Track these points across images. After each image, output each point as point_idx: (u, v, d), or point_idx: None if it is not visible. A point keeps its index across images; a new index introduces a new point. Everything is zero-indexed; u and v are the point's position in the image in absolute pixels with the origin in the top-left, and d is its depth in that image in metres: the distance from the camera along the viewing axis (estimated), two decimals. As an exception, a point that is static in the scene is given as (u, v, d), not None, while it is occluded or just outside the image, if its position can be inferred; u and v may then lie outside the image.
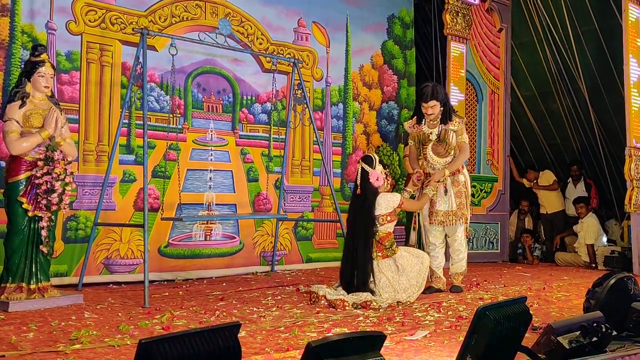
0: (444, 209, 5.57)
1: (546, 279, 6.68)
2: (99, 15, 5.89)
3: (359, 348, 2.18)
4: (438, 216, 5.57)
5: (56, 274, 5.36)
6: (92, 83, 5.83)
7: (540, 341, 3.03)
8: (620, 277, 3.64)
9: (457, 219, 5.55)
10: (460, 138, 5.57)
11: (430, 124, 5.61)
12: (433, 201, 5.57)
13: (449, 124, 5.54)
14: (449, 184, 5.55)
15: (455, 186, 5.57)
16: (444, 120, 5.55)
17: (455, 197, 5.55)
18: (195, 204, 6.41)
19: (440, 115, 5.55)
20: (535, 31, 8.88)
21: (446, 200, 5.56)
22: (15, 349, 3.27)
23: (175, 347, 1.93)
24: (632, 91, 7.27)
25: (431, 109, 5.48)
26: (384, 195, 5.09)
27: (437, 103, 5.48)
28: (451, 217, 5.55)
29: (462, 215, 5.56)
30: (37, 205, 4.49)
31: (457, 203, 5.55)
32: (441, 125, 5.56)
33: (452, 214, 5.55)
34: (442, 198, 5.56)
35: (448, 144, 5.54)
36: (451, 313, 4.56)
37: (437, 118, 5.55)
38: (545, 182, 8.91)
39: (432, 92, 5.47)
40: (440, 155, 5.56)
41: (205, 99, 6.61)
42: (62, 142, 4.60)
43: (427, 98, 5.47)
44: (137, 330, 3.81)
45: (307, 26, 7.51)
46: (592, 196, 8.77)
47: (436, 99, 5.47)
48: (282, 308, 4.64)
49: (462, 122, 5.68)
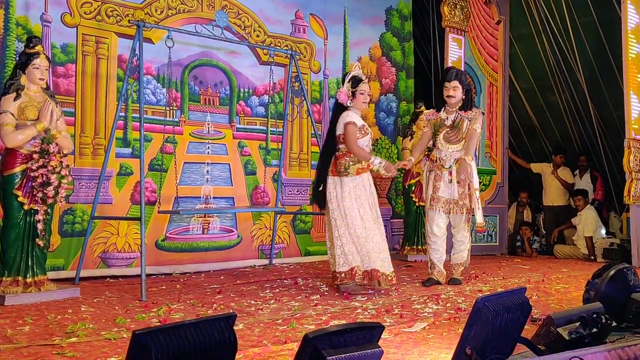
0: (446, 197, 5.49)
1: (545, 271, 6.66)
2: (95, 8, 5.84)
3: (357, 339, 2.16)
4: (439, 202, 5.49)
5: (53, 267, 5.34)
6: (88, 76, 5.79)
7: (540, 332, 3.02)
8: (620, 268, 3.63)
9: (459, 208, 5.47)
10: (472, 126, 5.47)
11: (448, 110, 5.54)
12: (436, 187, 5.50)
13: (467, 112, 5.49)
14: (454, 172, 5.46)
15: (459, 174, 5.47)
16: (464, 107, 5.50)
17: (459, 186, 5.46)
18: (193, 197, 6.39)
19: (461, 103, 5.50)
20: (534, 23, 8.84)
21: (449, 188, 5.48)
22: (10, 342, 3.26)
23: (169, 339, 1.91)
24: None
25: (453, 90, 5.44)
26: (345, 114, 5.01)
27: (459, 85, 5.45)
28: (452, 205, 5.48)
29: (463, 205, 5.47)
30: (32, 199, 4.46)
31: (459, 192, 5.46)
32: (459, 112, 5.50)
33: (453, 202, 5.47)
34: (446, 185, 5.49)
35: (460, 131, 5.47)
36: (450, 305, 4.55)
37: (456, 105, 5.49)
38: (563, 176, 8.87)
39: (457, 74, 5.52)
40: (452, 142, 5.48)
41: (202, 91, 6.57)
42: (57, 135, 4.56)
43: (451, 77, 5.46)
44: (134, 323, 3.79)
45: (304, 18, 7.47)
46: (598, 188, 8.74)
47: (459, 80, 5.46)
48: (280, 301, 4.62)
49: (480, 113, 5.61)
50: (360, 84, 5.04)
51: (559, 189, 8.87)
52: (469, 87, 5.57)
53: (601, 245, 7.88)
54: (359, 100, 5.06)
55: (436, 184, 5.51)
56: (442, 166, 5.51)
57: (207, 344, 2.00)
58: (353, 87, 5.03)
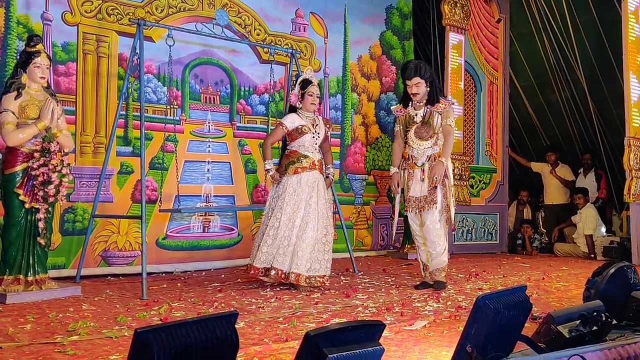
0: (416, 195, 5.20)
1: (545, 269, 6.67)
2: (95, 6, 5.84)
3: (358, 337, 2.16)
4: (410, 202, 5.24)
5: (54, 266, 5.35)
6: (89, 74, 5.79)
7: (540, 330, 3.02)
8: (620, 266, 3.62)
9: (427, 204, 5.13)
10: (445, 121, 5.19)
11: (416, 105, 5.26)
12: (408, 187, 5.26)
13: (436, 106, 5.20)
14: (426, 169, 5.18)
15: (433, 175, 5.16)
16: (431, 101, 5.21)
17: (429, 183, 5.16)
18: (193, 196, 6.40)
19: (427, 97, 5.23)
20: (534, 21, 8.85)
21: (420, 186, 5.19)
22: (12, 340, 3.26)
23: (171, 337, 1.91)
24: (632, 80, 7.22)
25: (415, 87, 5.17)
26: (288, 115, 5.37)
27: (421, 81, 5.16)
28: (423, 203, 5.17)
29: (432, 200, 5.13)
30: (34, 197, 4.46)
31: (429, 188, 5.15)
32: (427, 107, 5.22)
33: (423, 199, 5.17)
34: (418, 184, 5.20)
35: (432, 126, 5.19)
36: (450, 303, 4.55)
37: (423, 99, 5.23)
38: (562, 174, 8.87)
39: (416, 69, 5.16)
40: (423, 138, 5.19)
41: (203, 90, 6.58)
42: (58, 134, 4.56)
43: (410, 74, 5.16)
44: (135, 321, 3.79)
45: (304, 17, 7.47)
46: (602, 187, 8.74)
47: (420, 76, 5.15)
48: (281, 299, 4.62)
49: (449, 104, 5.29)
50: (309, 86, 5.31)
51: (559, 187, 8.88)
52: (432, 79, 5.23)
53: (601, 244, 7.88)
54: (307, 102, 5.33)
55: (409, 183, 5.27)
56: (414, 164, 5.24)
57: (209, 342, 2.00)
58: (302, 89, 5.31)
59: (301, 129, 5.25)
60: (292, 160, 5.22)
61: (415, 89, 5.18)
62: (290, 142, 5.31)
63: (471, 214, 8.42)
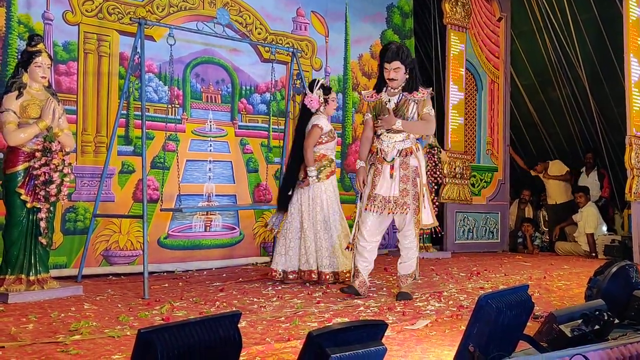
0: (383, 194, 4.62)
1: (547, 268, 6.67)
2: (96, 5, 5.84)
3: (360, 337, 2.16)
4: (375, 201, 4.62)
5: (55, 265, 5.35)
6: (90, 74, 5.79)
7: (542, 329, 3.02)
8: (622, 265, 3.62)
9: (399, 207, 4.58)
10: (423, 110, 4.66)
11: (390, 91, 4.73)
12: (374, 184, 4.66)
13: (413, 94, 4.67)
14: (397, 166, 4.62)
15: (403, 169, 4.61)
16: (408, 88, 4.68)
17: (400, 182, 4.59)
18: (195, 195, 6.39)
19: (404, 84, 4.70)
20: (535, 20, 8.84)
21: (389, 184, 4.62)
22: (14, 340, 3.26)
23: (175, 337, 1.91)
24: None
25: (394, 72, 4.62)
26: (316, 117, 5.37)
27: (401, 66, 4.62)
28: (392, 204, 4.59)
29: (404, 204, 4.58)
30: (35, 197, 4.46)
31: (400, 189, 4.58)
32: (403, 94, 4.70)
33: (393, 201, 4.59)
34: (386, 181, 4.62)
35: (405, 116, 4.66)
36: (452, 302, 4.55)
37: (399, 86, 4.70)
38: (556, 172, 8.87)
39: (397, 52, 4.62)
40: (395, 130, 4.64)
41: (204, 89, 6.58)
42: (59, 133, 4.56)
43: (390, 57, 4.61)
44: (137, 321, 3.80)
45: (306, 16, 7.47)
46: (605, 186, 8.73)
47: (401, 60, 4.61)
48: (283, 298, 4.62)
49: (428, 93, 4.72)
50: (332, 92, 5.48)
51: (559, 185, 8.87)
52: (412, 66, 4.71)
53: (602, 242, 7.89)
54: (331, 107, 5.52)
55: (375, 179, 4.67)
56: (383, 159, 4.66)
57: (212, 342, 2.00)
58: (325, 94, 5.43)
59: (332, 134, 5.45)
60: (324, 165, 5.29)
61: (393, 73, 4.64)
62: (318, 145, 5.37)
63: (472, 212, 8.43)
